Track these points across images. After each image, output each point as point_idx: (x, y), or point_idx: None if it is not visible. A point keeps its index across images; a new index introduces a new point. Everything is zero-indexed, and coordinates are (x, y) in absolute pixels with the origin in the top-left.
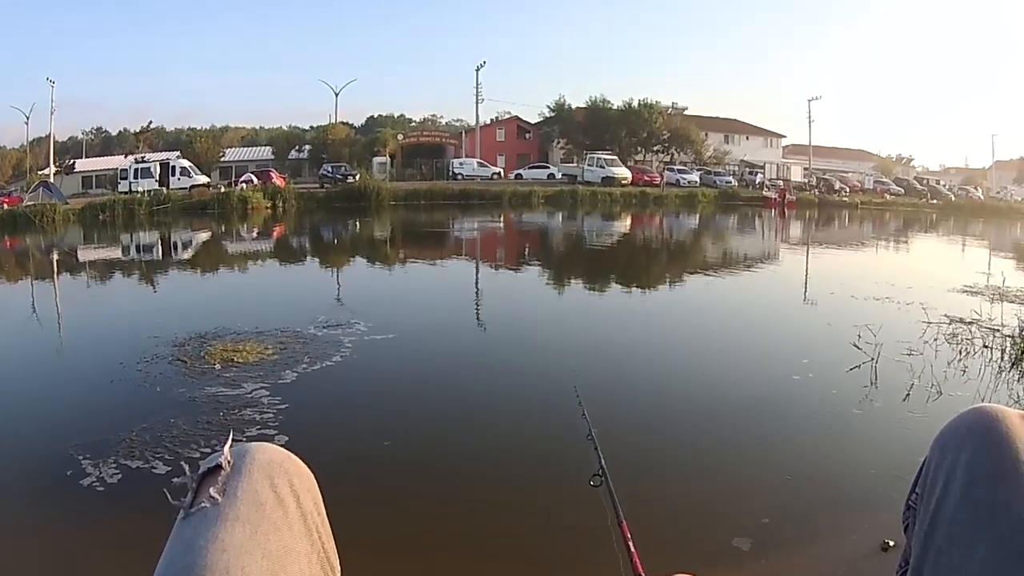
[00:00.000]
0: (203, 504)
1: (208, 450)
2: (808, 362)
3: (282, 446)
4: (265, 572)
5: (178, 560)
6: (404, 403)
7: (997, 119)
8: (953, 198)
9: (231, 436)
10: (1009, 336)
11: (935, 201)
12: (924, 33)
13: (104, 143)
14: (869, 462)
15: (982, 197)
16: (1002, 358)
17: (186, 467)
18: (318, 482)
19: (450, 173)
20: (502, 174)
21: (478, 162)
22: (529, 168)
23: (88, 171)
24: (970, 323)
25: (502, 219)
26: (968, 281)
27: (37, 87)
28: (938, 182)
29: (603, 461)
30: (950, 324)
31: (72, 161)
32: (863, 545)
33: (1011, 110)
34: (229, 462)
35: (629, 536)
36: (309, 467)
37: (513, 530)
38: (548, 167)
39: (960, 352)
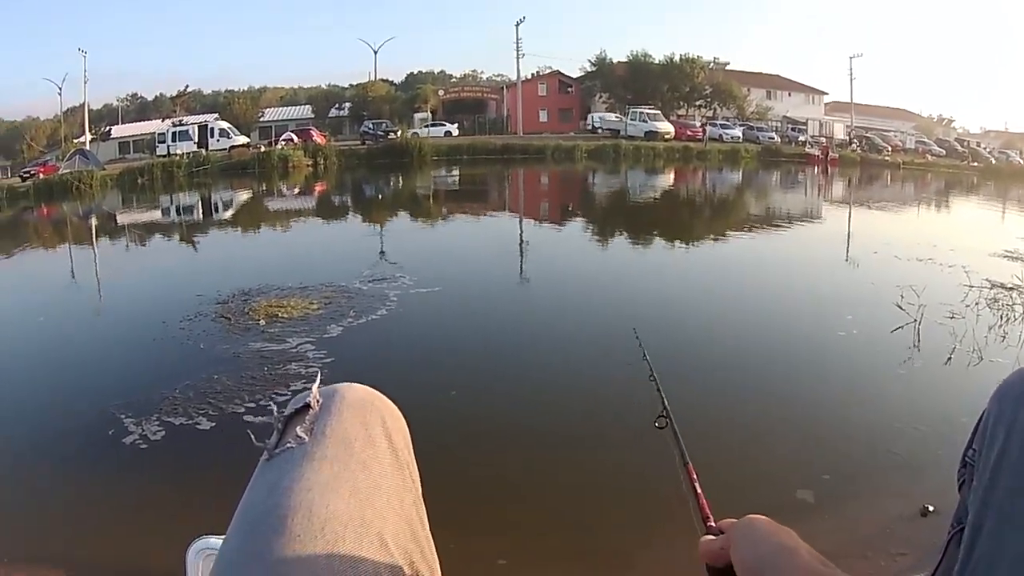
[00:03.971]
0: (289, 445)
1: (253, 404)
2: (852, 319)
3: (278, 409)
4: (352, 509)
5: (260, 502)
6: (453, 354)
7: None
8: (994, 161)
9: (320, 376)
10: None
11: (976, 164)
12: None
13: (140, 109)
14: (911, 424)
15: (1023, 162)
16: None
17: (274, 407)
18: None
19: (591, 126)
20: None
21: (617, 117)
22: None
23: (125, 137)
24: (1011, 289)
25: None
26: (1009, 246)
27: (70, 58)
28: (978, 145)
29: (666, 402)
30: (991, 289)
31: (108, 128)
32: (903, 508)
33: None
34: (318, 401)
35: (695, 478)
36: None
37: (581, 474)
38: (445, 124)
39: (1001, 318)
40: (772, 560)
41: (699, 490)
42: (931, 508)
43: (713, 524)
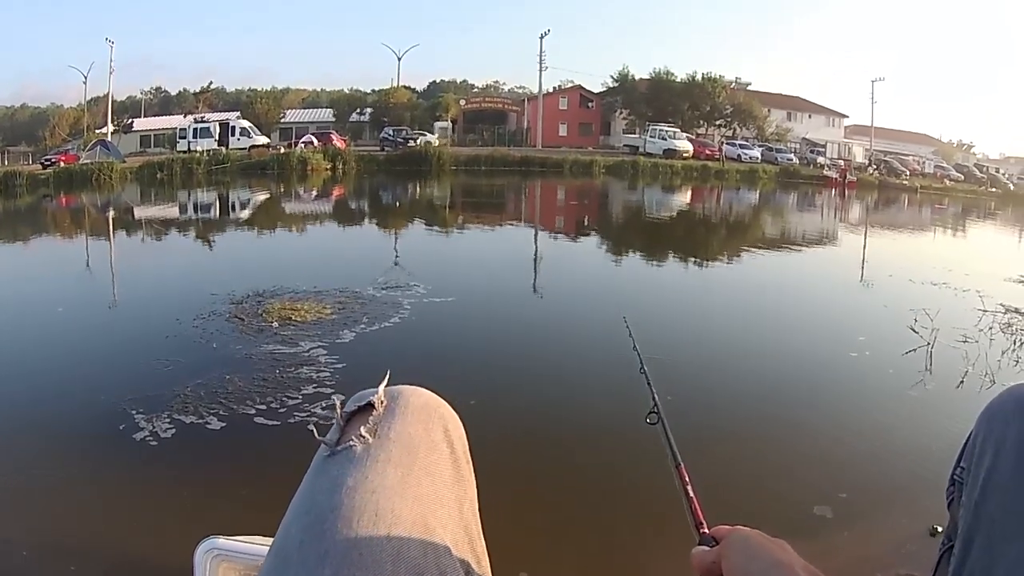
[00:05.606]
0: (351, 444)
1: (264, 406)
2: (865, 339)
3: (340, 405)
4: (416, 516)
5: (323, 499)
6: (464, 366)
7: None
8: (1012, 187)
9: (387, 376)
10: None
11: (994, 189)
12: (990, 19)
13: (163, 103)
14: (921, 446)
15: None
16: None
17: (336, 403)
18: None
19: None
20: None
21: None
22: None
23: (146, 130)
24: None
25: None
26: None
27: (97, 47)
28: (997, 170)
29: (656, 397)
30: (1005, 314)
31: (130, 120)
32: (912, 528)
33: None
34: (382, 402)
35: (687, 480)
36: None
37: (577, 479)
38: (426, 134)
39: (1015, 343)
40: None
41: (692, 493)
42: (939, 528)
43: (707, 531)
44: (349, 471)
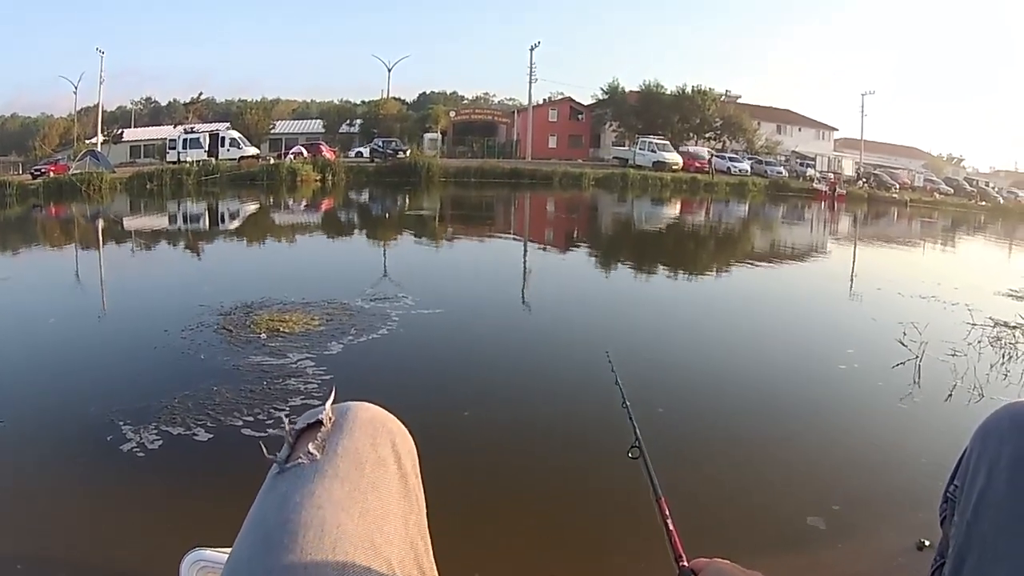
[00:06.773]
0: (300, 460)
1: (251, 418)
2: (853, 352)
3: (289, 423)
4: (361, 530)
5: (272, 515)
6: (446, 377)
7: None
8: (1002, 201)
9: (333, 393)
10: None
11: (984, 203)
12: (979, 34)
13: (153, 113)
14: (908, 459)
15: None
16: None
17: (285, 421)
18: None
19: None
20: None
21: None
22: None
23: (136, 141)
24: (1014, 327)
25: None
26: (1014, 286)
27: (88, 57)
28: (987, 184)
29: (638, 431)
30: (994, 327)
31: (120, 130)
32: (898, 543)
33: None
34: (330, 419)
35: (668, 514)
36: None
37: (559, 505)
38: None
39: (1003, 356)
40: None
41: (671, 527)
42: (927, 543)
43: (686, 564)
44: (297, 487)
